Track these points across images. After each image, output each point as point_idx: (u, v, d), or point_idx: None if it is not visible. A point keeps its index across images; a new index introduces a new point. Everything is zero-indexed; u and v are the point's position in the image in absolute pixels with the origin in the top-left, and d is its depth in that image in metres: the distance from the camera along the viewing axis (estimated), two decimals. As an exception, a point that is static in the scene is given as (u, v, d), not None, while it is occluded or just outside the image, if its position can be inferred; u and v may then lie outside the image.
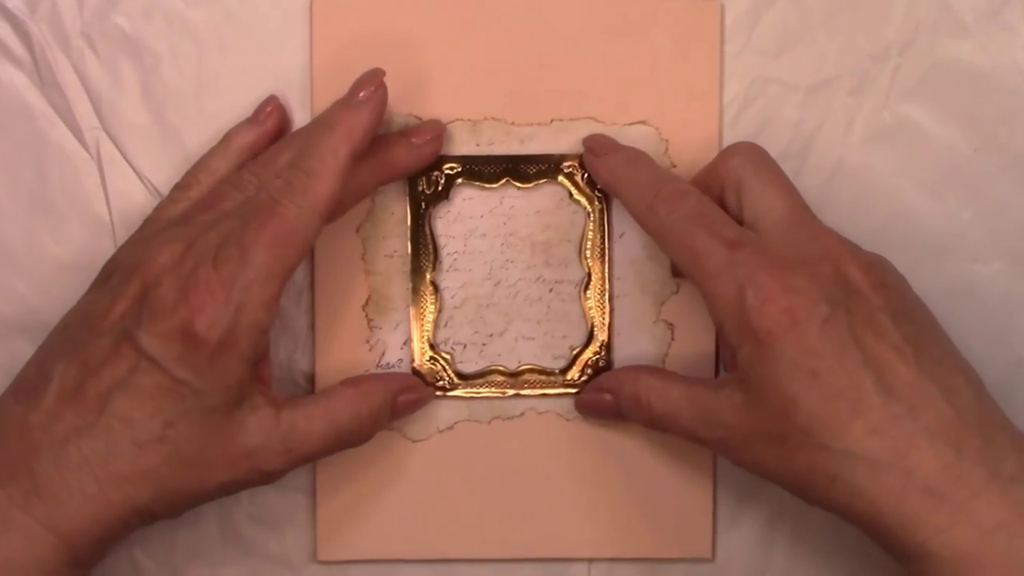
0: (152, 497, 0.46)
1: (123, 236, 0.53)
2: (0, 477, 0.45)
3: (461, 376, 0.54)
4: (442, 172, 0.53)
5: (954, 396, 0.45)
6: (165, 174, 0.53)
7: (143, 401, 0.46)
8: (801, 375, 0.45)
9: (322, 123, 0.49)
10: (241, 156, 0.52)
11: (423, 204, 0.53)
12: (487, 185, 0.53)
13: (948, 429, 0.44)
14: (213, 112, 0.54)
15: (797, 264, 0.46)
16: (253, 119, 0.53)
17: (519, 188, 0.53)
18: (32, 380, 0.47)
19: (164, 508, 0.47)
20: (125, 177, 0.54)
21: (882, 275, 0.47)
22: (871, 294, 0.46)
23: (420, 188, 0.53)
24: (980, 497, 0.43)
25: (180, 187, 0.52)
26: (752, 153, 0.50)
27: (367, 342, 0.54)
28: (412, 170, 0.53)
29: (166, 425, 0.46)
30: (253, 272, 0.46)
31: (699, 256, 0.47)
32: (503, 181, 0.53)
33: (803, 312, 0.45)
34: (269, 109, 0.53)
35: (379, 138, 0.51)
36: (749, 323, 0.45)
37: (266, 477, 0.48)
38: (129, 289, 0.47)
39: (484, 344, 0.54)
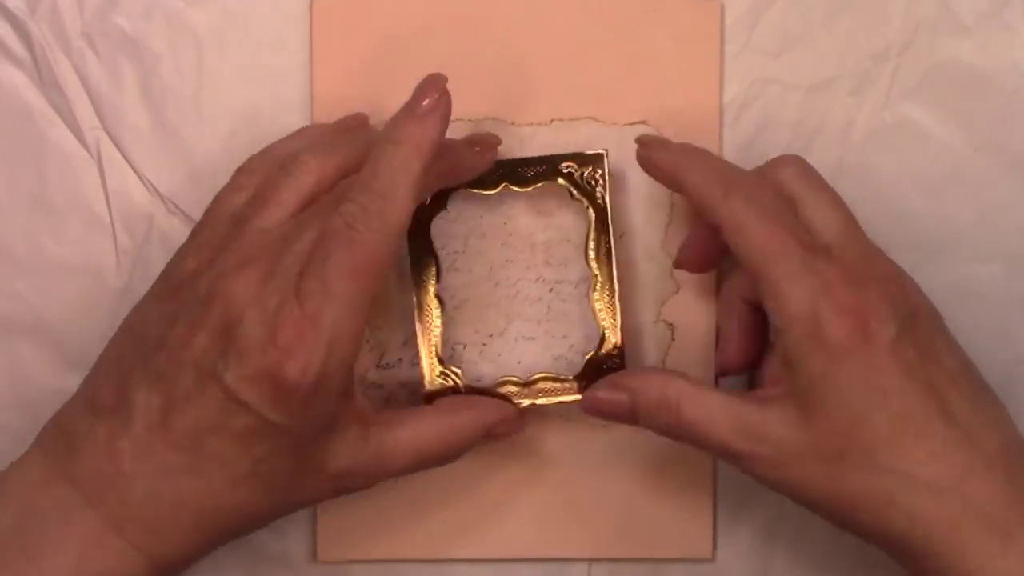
0: (244, 523, 0.47)
1: (123, 236, 0.53)
2: (91, 497, 0.45)
3: (473, 390, 0.52)
4: None
5: (1001, 425, 0.46)
6: (165, 174, 0.54)
7: (235, 442, 0.44)
8: (871, 393, 0.44)
9: (389, 138, 0.46)
10: None
11: (420, 217, 0.52)
12: (485, 191, 0.52)
13: (1000, 457, 0.44)
14: (213, 112, 0.54)
15: (869, 280, 0.46)
16: (338, 130, 0.51)
17: (518, 191, 0.52)
18: (110, 399, 0.46)
19: (250, 527, 0.47)
20: (125, 177, 0.54)
21: (929, 303, 0.48)
22: (928, 319, 0.46)
23: None
24: None
25: (243, 171, 0.50)
26: (804, 166, 0.49)
27: (367, 342, 0.54)
28: (469, 177, 0.51)
29: (258, 461, 0.45)
30: (339, 308, 0.44)
31: (775, 254, 0.46)
32: (501, 186, 0.52)
33: (876, 328, 0.45)
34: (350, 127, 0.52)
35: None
36: (821, 332, 0.45)
37: (345, 494, 0.49)
38: (208, 319, 0.45)
39: (484, 344, 0.54)
